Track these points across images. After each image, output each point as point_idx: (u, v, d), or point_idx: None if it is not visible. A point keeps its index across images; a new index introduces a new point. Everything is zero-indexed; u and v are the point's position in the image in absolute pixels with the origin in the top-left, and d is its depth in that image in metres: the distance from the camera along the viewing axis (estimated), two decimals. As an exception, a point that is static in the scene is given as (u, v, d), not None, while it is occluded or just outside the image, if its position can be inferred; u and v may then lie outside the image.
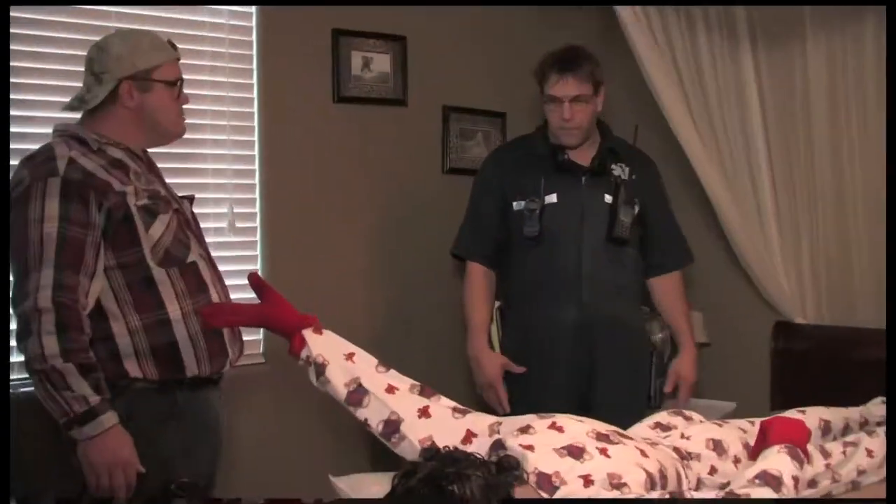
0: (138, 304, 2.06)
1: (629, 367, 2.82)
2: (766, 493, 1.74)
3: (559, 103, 2.72)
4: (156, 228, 2.08)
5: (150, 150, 2.27)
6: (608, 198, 2.78)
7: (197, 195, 2.57)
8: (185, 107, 2.22)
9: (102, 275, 2.02)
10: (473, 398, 2.98)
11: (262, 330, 2.83)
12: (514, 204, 2.82)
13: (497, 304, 2.96)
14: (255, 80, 2.93)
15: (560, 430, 1.90)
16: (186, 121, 2.24)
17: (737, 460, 2.11)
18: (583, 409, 2.68)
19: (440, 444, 1.93)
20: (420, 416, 2.02)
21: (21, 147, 2.32)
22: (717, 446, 2.12)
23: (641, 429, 2.20)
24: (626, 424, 2.15)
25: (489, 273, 2.92)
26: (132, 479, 1.99)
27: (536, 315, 2.82)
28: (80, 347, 1.94)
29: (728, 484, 1.94)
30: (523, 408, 2.75)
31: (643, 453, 1.89)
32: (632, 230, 2.79)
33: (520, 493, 1.70)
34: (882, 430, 2.34)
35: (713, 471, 2.07)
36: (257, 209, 2.95)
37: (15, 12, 2.46)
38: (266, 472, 2.91)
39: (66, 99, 2.23)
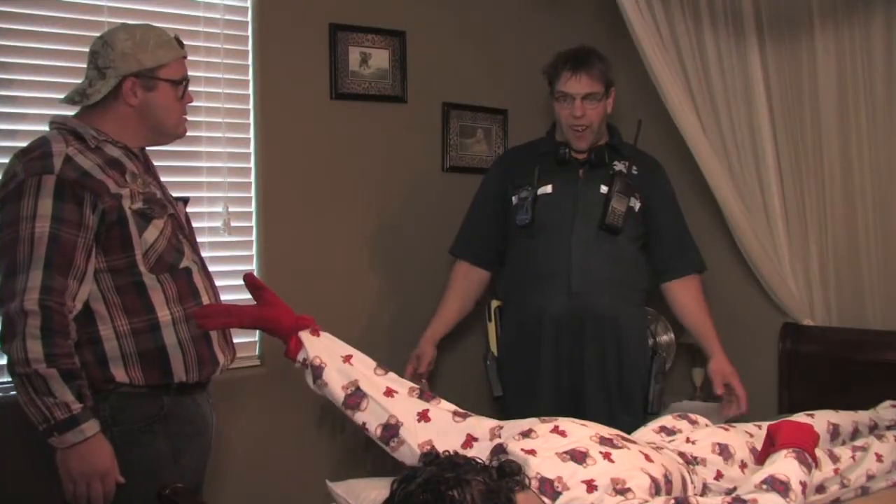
0: (127, 307, 2.02)
1: (622, 366, 2.80)
2: (774, 498, 1.73)
3: (570, 100, 2.74)
4: (150, 233, 2.05)
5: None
6: (604, 188, 2.78)
7: (192, 194, 2.56)
8: (181, 104, 2.19)
9: (92, 278, 1.98)
10: (476, 401, 2.95)
11: (257, 331, 2.79)
12: (514, 198, 2.85)
13: (496, 304, 2.96)
14: (250, 77, 2.90)
15: (563, 434, 1.89)
16: (181, 118, 2.21)
17: (743, 465, 2.10)
18: (574, 401, 2.69)
19: (440, 449, 1.93)
20: (419, 420, 2.01)
21: (11, 145, 2.29)
22: (724, 451, 2.11)
23: (646, 433, 2.19)
24: (622, 423, 2.12)
25: (474, 272, 2.98)
26: (110, 489, 1.96)
27: (527, 306, 2.82)
28: (65, 353, 1.90)
29: (734, 489, 1.92)
30: (515, 401, 2.79)
31: (647, 458, 1.88)
32: (629, 224, 2.76)
33: (521, 498, 1.68)
34: (892, 434, 2.32)
35: (719, 476, 2.06)
36: (253, 208, 2.92)
37: (4, 6, 2.43)
38: (261, 476, 2.88)
39: (58, 95, 2.20)
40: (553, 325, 2.76)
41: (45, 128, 2.11)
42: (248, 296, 2.14)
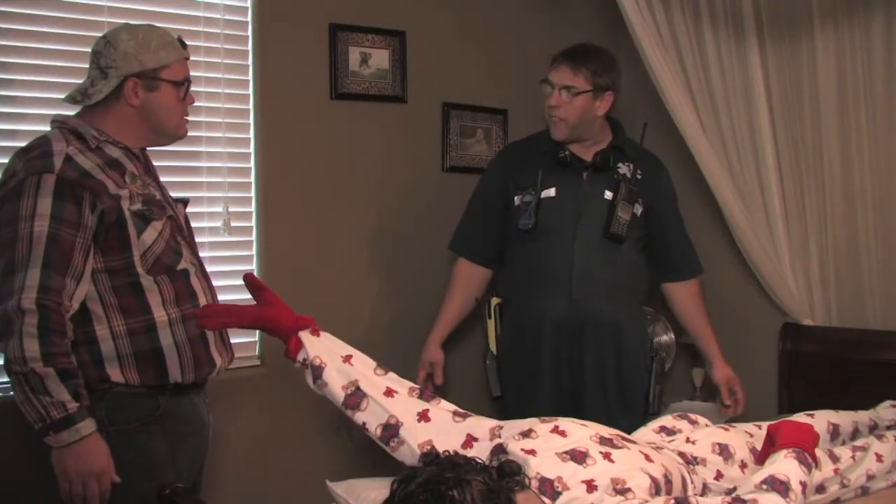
0: (124, 308, 2.02)
1: (622, 369, 2.81)
2: (774, 498, 1.73)
3: (550, 88, 2.75)
4: (148, 235, 2.05)
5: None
6: (608, 194, 2.77)
7: (192, 194, 2.57)
8: (181, 105, 2.19)
9: (90, 278, 1.98)
10: (475, 400, 2.95)
11: (257, 331, 2.79)
12: (515, 199, 2.84)
13: (496, 301, 2.96)
14: (250, 77, 2.90)
15: (563, 434, 1.89)
16: (181, 118, 2.21)
17: (743, 465, 2.10)
18: (575, 406, 2.69)
19: (440, 449, 1.93)
20: (419, 420, 2.00)
21: (11, 145, 2.29)
22: (724, 451, 2.10)
23: (646, 433, 2.19)
24: (621, 426, 2.13)
25: (474, 270, 2.98)
26: (106, 488, 1.96)
27: (528, 309, 2.82)
28: (61, 352, 1.90)
29: (734, 489, 1.92)
30: (515, 403, 2.80)
31: (647, 458, 1.88)
32: (631, 229, 2.76)
33: (521, 498, 1.67)
34: (892, 434, 2.32)
35: (719, 476, 2.06)
36: (253, 208, 2.92)
37: (4, 6, 2.43)
38: (261, 476, 2.88)
39: (58, 95, 2.20)
40: (554, 328, 2.77)
41: (46, 128, 2.12)
42: (248, 296, 2.14)
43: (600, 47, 2.82)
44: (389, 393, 2.02)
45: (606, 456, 1.82)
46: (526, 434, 1.88)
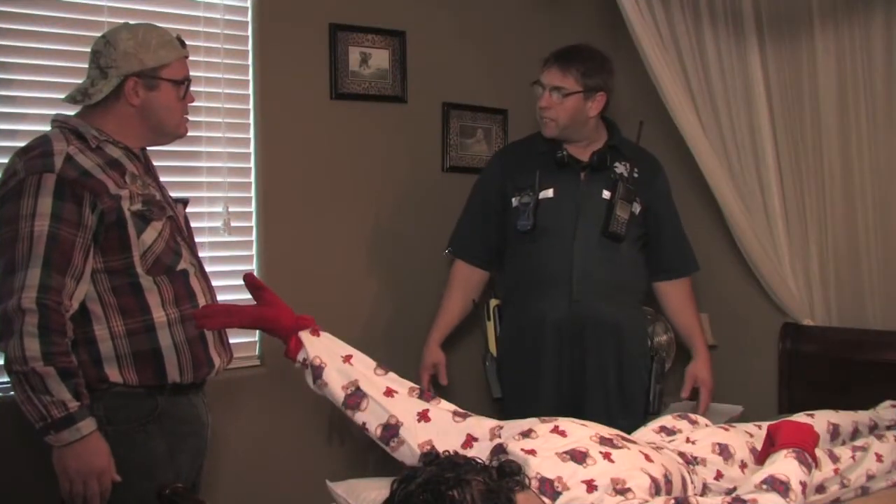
0: (123, 308, 2.03)
1: (623, 369, 2.81)
2: (774, 498, 1.73)
3: (541, 90, 2.77)
4: (148, 235, 2.05)
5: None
6: (606, 194, 2.78)
7: (192, 194, 2.57)
8: (181, 104, 2.19)
9: (89, 278, 1.99)
10: (475, 401, 2.96)
11: (257, 331, 2.79)
12: (513, 200, 2.84)
13: (496, 302, 2.96)
14: (250, 77, 2.90)
15: (563, 434, 1.89)
16: (181, 118, 2.21)
17: (743, 465, 2.10)
18: (575, 406, 2.69)
19: (440, 449, 1.93)
20: (419, 420, 2.01)
21: (11, 145, 2.29)
22: (724, 451, 2.10)
23: (646, 433, 2.19)
24: (621, 427, 2.13)
25: (472, 272, 2.98)
26: (107, 487, 1.97)
27: (528, 311, 2.82)
28: (62, 351, 1.90)
29: (734, 489, 1.92)
30: (515, 404, 2.80)
31: (647, 458, 1.88)
32: (630, 228, 2.76)
33: (521, 498, 1.67)
34: (892, 434, 2.32)
35: (719, 476, 2.06)
36: (253, 208, 2.92)
37: (4, 6, 2.43)
38: (261, 476, 2.88)
39: (58, 95, 2.20)
40: (554, 329, 2.77)
41: (46, 128, 2.12)
42: (248, 296, 2.14)
43: (592, 48, 2.82)
44: (389, 393, 2.03)
45: (606, 456, 1.82)
46: (526, 434, 1.88)
